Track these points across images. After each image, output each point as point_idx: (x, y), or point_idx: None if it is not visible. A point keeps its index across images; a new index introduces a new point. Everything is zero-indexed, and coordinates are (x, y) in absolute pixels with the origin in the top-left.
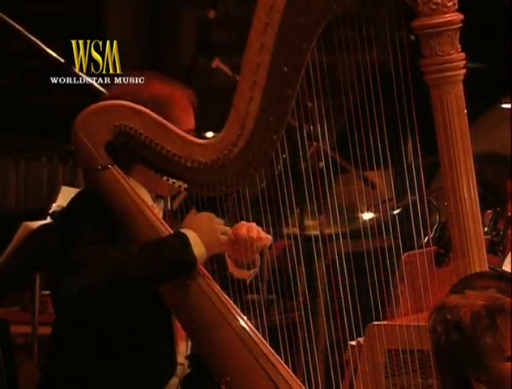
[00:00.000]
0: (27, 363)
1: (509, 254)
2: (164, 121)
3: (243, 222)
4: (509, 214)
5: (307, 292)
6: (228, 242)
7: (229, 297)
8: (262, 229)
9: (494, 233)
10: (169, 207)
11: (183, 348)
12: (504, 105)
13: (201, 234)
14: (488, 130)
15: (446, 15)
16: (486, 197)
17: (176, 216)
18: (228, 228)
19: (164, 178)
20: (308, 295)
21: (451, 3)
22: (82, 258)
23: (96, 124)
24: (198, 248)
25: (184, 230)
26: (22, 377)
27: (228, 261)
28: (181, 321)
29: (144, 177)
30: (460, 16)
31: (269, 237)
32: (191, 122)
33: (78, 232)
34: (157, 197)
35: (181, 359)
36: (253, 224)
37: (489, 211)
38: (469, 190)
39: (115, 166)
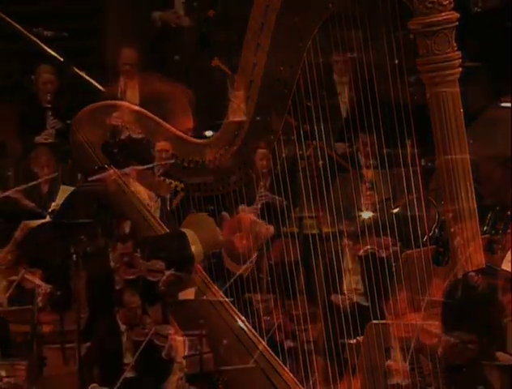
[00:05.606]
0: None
1: (509, 252)
2: (161, 121)
3: (243, 207)
4: (509, 213)
5: (305, 292)
6: (228, 229)
7: (227, 297)
8: None
9: (493, 232)
10: (167, 207)
11: (181, 347)
12: (504, 105)
13: (199, 233)
14: (488, 130)
15: (442, 14)
16: (484, 196)
17: (173, 216)
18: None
19: (161, 178)
20: (307, 294)
21: (447, 2)
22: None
23: (92, 124)
24: (196, 246)
25: (183, 229)
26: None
27: (224, 255)
28: (178, 320)
29: (141, 176)
30: (456, 15)
31: (270, 227)
32: (189, 121)
33: (74, 225)
34: (154, 196)
35: (179, 358)
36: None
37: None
38: (466, 188)
39: (112, 166)
